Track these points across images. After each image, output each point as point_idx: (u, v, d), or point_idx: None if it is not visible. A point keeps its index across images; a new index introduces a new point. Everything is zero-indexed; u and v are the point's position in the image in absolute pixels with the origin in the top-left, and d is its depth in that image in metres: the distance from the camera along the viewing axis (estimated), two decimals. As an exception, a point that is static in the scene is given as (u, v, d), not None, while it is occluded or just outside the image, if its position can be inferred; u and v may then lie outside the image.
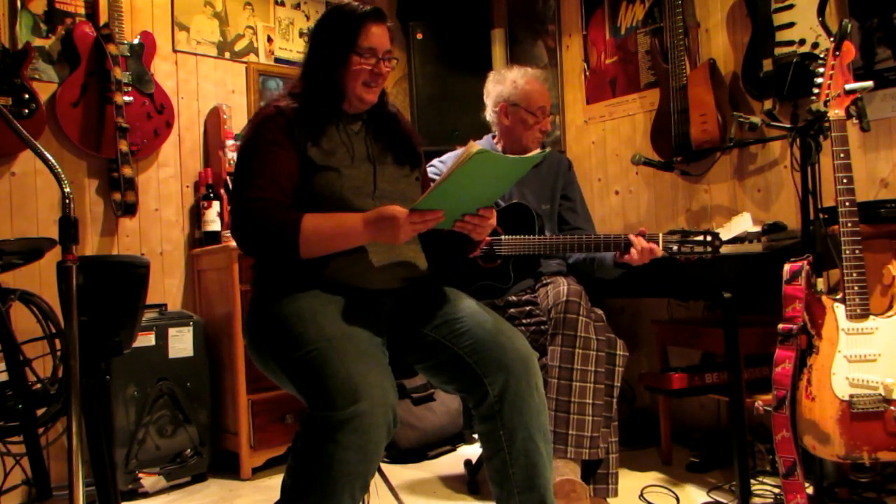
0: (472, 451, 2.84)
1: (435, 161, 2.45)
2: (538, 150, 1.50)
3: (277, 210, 1.54)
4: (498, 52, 3.45)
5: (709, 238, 2.03)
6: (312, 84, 1.69)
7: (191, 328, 2.69)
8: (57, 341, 2.15)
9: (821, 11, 2.30)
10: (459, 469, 2.64)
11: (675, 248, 2.04)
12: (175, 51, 3.06)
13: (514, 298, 2.31)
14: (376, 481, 1.72)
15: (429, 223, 1.45)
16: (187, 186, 3.06)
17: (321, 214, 1.53)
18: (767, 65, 2.54)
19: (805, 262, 1.81)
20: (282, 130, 1.60)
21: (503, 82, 2.46)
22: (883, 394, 1.72)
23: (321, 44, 1.69)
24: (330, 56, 1.66)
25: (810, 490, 1.94)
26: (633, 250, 2.07)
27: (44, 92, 2.66)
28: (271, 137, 1.60)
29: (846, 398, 1.75)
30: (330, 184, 1.60)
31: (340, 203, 1.58)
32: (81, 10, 2.80)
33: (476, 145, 1.33)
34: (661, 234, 2.07)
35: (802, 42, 2.51)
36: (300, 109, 1.64)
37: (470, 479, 2.50)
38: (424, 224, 1.45)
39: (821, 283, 1.85)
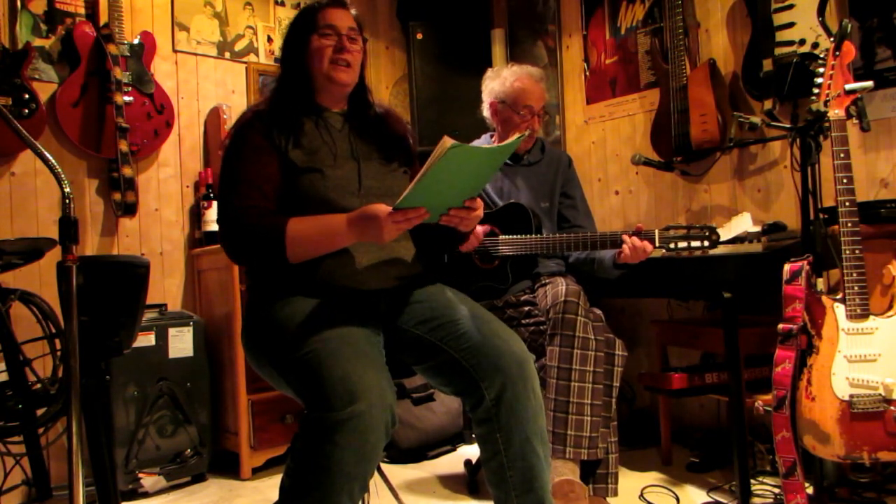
0: (472, 451, 2.84)
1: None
2: (515, 136, 1.48)
3: (262, 216, 1.53)
4: (498, 52, 3.45)
5: (706, 232, 2.02)
6: (285, 82, 1.70)
7: (191, 328, 2.69)
8: (57, 341, 2.16)
9: (821, 11, 2.30)
10: (459, 469, 2.64)
11: (672, 243, 2.04)
12: (175, 51, 3.06)
13: (512, 299, 2.31)
14: (376, 481, 1.72)
15: (412, 221, 1.44)
16: (187, 186, 3.07)
17: (306, 218, 1.52)
18: (767, 65, 2.54)
19: (805, 262, 1.81)
20: (261, 135, 1.59)
21: (496, 79, 2.47)
22: (883, 394, 1.72)
23: (287, 41, 1.72)
24: (294, 46, 1.68)
25: (810, 490, 1.94)
26: (624, 247, 2.07)
27: (44, 92, 2.66)
28: (251, 143, 1.59)
29: (846, 398, 1.75)
30: (313, 185, 1.59)
31: (325, 203, 1.57)
32: (81, 10, 2.80)
33: (450, 140, 1.31)
34: (657, 230, 2.07)
35: (802, 42, 2.50)
36: (275, 107, 1.64)
37: (470, 479, 2.50)
38: (408, 222, 1.44)
39: (821, 283, 1.84)
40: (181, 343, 2.66)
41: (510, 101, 2.41)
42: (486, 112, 2.51)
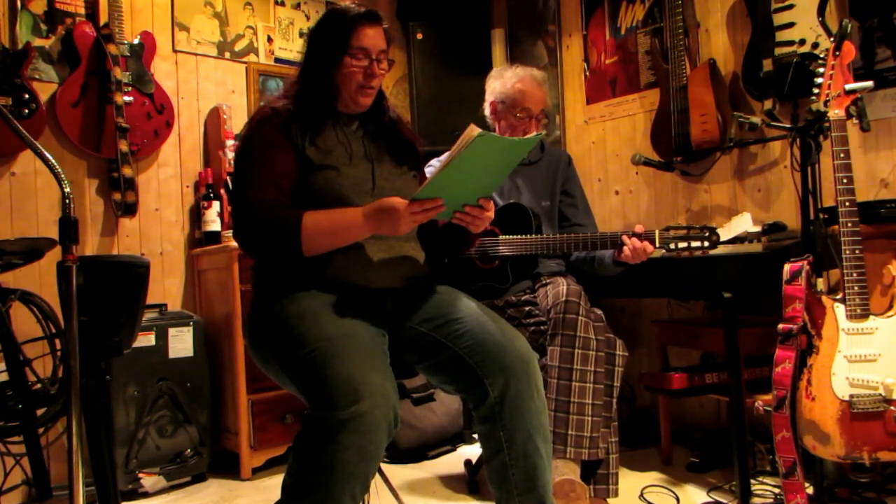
0: (472, 451, 2.84)
1: (433, 161, 2.46)
2: (533, 133, 1.49)
3: (277, 209, 1.54)
4: (498, 52, 3.45)
5: (706, 233, 2.02)
6: (307, 86, 1.70)
7: (191, 328, 2.69)
8: (57, 341, 2.16)
9: (821, 11, 2.30)
10: (459, 469, 2.64)
11: (671, 244, 2.04)
12: (175, 51, 3.06)
13: (513, 299, 2.31)
14: (376, 481, 1.72)
15: (429, 213, 1.45)
16: (187, 186, 3.06)
17: (321, 211, 1.53)
18: (767, 65, 2.54)
19: (805, 262, 1.81)
20: (278, 130, 1.61)
21: (499, 79, 2.48)
22: (883, 394, 1.72)
23: (315, 46, 1.71)
24: (323, 58, 1.68)
25: (810, 490, 1.94)
26: (625, 249, 2.07)
27: (44, 92, 2.66)
28: (268, 138, 1.60)
29: (846, 398, 1.75)
30: (329, 182, 1.60)
31: (340, 201, 1.59)
32: (81, 10, 2.80)
33: (476, 129, 1.32)
34: (657, 231, 2.07)
35: (802, 42, 2.51)
36: (296, 110, 1.65)
37: (470, 479, 2.50)
38: (425, 214, 1.45)
39: (821, 283, 1.84)
40: (181, 343, 2.66)
41: (509, 103, 2.42)
42: (486, 111, 2.52)
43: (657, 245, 2.07)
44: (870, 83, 1.87)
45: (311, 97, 1.68)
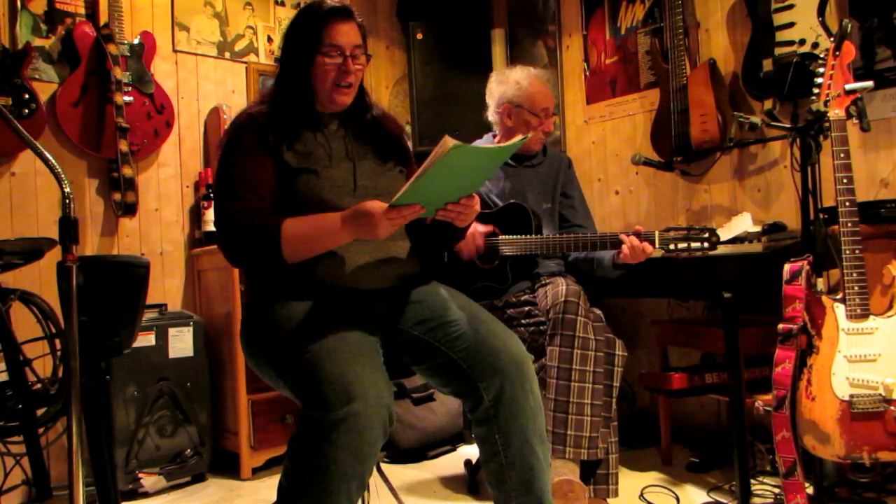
0: (473, 451, 2.84)
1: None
2: (518, 137, 1.48)
3: (257, 217, 1.53)
4: (498, 52, 3.45)
5: (705, 234, 2.02)
6: (283, 88, 1.67)
7: (191, 328, 2.69)
8: (57, 341, 2.15)
9: (821, 11, 2.30)
10: (459, 469, 2.64)
11: (671, 244, 2.04)
12: (175, 51, 3.06)
13: (512, 299, 2.31)
14: (376, 482, 1.72)
15: (407, 217, 1.43)
16: (187, 186, 3.07)
17: (301, 218, 1.52)
18: (767, 65, 2.54)
19: (805, 262, 1.81)
20: (255, 137, 1.58)
21: (506, 83, 2.46)
22: (883, 394, 1.72)
23: (289, 46, 1.68)
24: (297, 58, 1.64)
25: (810, 490, 1.94)
26: (624, 248, 2.07)
27: (44, 92, 2.66)
28: (246, 145, 1.58)
29: (846, 398, 1.75)
30: (309, 186, 1.58)
31: (321, 204, 1.56)
32: (81, 10, 2.80)
33: (451, 140, 1.30)
34: (657, 231, 2.07)
35: (802, 42, 2.51)
36: (272, 114, 1.63)
37: (470, 480, 2.50)
38: (403, 219, 1.43)
39: (821, 283, 1.84)
40: (181, 343, 2.66)
41: (528, 105, 2.42)
42: (494, 115, 2.50)
43: (657, 246, 2.07)
44: (870, 83, 1.87)
45: (287, 99, 1.66)
